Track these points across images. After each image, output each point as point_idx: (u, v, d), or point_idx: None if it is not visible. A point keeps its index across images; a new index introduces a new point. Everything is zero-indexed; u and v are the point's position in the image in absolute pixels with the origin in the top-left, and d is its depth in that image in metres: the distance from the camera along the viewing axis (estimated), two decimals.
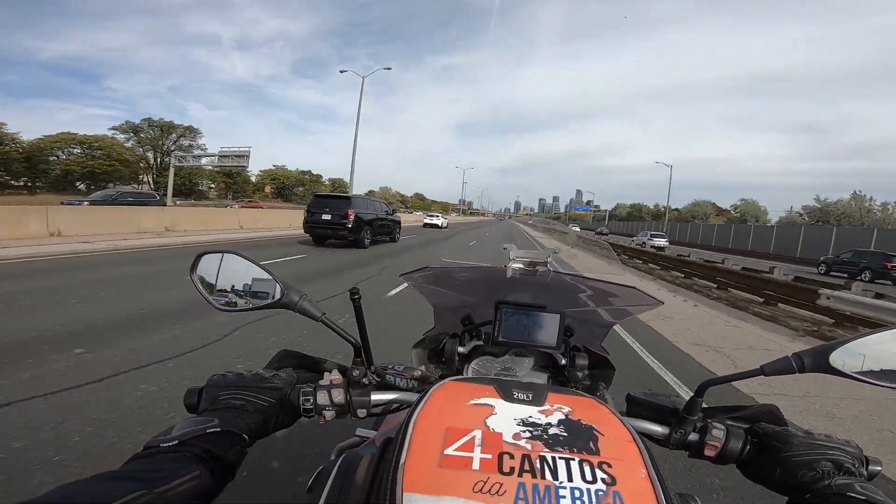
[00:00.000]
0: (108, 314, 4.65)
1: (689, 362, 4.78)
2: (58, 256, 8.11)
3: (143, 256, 9.08)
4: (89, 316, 4.52)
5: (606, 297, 1.02)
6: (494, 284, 1.03)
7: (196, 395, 0.62)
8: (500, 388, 0.53)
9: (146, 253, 9.64)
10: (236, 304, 0.70)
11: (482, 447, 0.43)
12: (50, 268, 7.08)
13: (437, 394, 0.51)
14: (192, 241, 11.96)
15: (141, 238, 11.67)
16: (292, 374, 0.68)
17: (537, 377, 0.95)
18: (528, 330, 0.93)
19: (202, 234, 13.81)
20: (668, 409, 0.69)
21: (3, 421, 2.45)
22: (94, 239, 10.49)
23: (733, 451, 0.63)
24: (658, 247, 26.07)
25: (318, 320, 0.67)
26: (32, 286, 5.70)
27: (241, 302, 0.69)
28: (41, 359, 3.31)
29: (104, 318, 4.47)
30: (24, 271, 6.69)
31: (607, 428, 0.47)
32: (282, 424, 0.65)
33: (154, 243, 11.08)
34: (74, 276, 6.52)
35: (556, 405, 0.51)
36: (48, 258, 7.89)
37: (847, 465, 0.56)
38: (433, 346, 1.08)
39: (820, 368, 0.59)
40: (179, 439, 0.50)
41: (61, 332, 3.94)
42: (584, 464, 0.42)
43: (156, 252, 9.89)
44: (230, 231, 16.39)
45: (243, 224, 18.16)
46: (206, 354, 3.70)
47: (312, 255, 11.12)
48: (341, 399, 0.67)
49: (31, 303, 4.92)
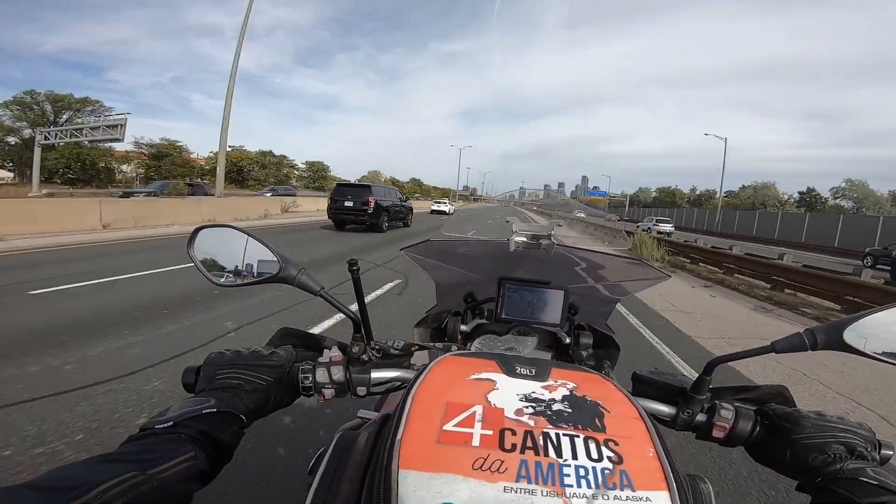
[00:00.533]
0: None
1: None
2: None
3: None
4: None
5: (611, 271, 1.00)
6: (497, 259, 1.01)
7: (194, 373, 0.61)
8: (502, 362, 0.51)
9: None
10: (234, 280, 0.69)
11: (483, 423, 0.41)
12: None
13: (438, 368, 0.49)
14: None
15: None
16: (291, 351, 0.67)
17: (541, 356, 0.94)
18: (532, 307, 0.91)
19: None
20: (675, 388, 0.67)
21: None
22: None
23: (742, 433, 0.61)
24: (664, 232, 25.84)
25: (316, 294, 0.66)
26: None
27: (239, 277, 0.68)
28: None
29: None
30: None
31: (613, 405, 0.46)
32: (280, 403, 0.64)
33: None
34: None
35: (560, 381, 0.49)
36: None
37: (860, 449, 0.54)
38: (436, 325, 1.07)
39: (833, 346, 0.57)
40: (174, 420, 0.49)
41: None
42: (590, 441, 0.40)
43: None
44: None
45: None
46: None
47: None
48: (341, 377, 0.65)
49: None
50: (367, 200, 14.27)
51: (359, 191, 14.99)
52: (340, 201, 14.49)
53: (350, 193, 14.69)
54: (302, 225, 15.97)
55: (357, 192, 14.77)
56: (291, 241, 10.91)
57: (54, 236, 9.10)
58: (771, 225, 38.11)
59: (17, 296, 4.71)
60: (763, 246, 24.08)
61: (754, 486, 2.18)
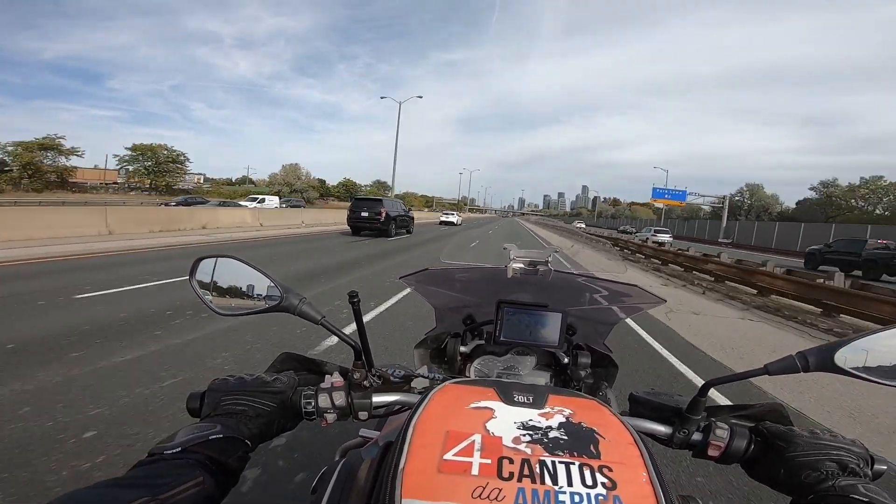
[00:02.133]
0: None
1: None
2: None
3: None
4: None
5: (608, 295, 1.01)
6: (495, 284, 1.02)
7: (198, 399, 0.62)
8: (500, 390, 0.52)
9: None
10: (236, 309, 0.69)
11: (482, 452, 0.42)
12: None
13: (438, 396, 0.51)
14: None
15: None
16: (293, 377, 0.68)
17: (540, 376, 0.95)
18: (530, 329, 0.92)
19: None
20: (671, 408, 0.69)
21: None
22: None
23: (737, 451, 0.63)
24: (660, 242, 25.49)
25: (318, 323, 0.67)
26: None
27: (241, 306, 0.69)
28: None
29: None
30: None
31: (608, 430, 0.47)
32: (284, 428, 0.65)
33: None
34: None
35: (556, 407, 0.50)
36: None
37: (852, 466, 0.56)
38: (435, 346, 1.08)
39: (824, 367, 0.59)
40: (182, 446, 0.50)
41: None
42: (585, 468, 0.41)
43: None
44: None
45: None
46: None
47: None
48: (342, 402, 0.66)
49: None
50: (380, 211, 17.52)
51: (373, 203, 18.22)
52: (358, 212, 17.67)
53: (365, 206, 17.97)
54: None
55: (371, 205, 18.01)
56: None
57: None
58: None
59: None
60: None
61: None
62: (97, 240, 10.61)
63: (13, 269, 6.87)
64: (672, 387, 3.79)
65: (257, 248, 12.04)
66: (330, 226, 22.36)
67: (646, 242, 22.47)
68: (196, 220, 15.71)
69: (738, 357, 4.87)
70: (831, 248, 19.46)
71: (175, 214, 15.60)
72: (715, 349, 5.10)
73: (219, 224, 16.63)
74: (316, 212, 28.23)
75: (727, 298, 8.86)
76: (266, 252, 11.09)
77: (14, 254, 7.85)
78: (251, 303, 0.69)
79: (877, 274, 16.37)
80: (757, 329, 6.45)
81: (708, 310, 7.61)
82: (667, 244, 22.49)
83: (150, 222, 13.66)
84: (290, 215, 22.77)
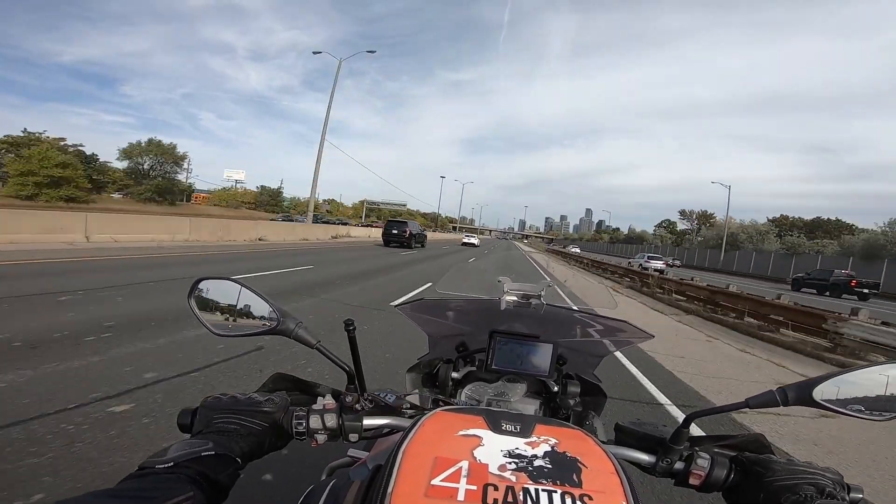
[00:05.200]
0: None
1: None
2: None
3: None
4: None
5: (599, 329, 1.03)
6: (489, 315, 1.04)
7: (190, 415, 0.63)
8: (488, 418, 0.54)
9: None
10: (232, 330, 0.71)
11: (468, 478, 0.44)
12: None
13: (428, 423, 0.52)
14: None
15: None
16: (286, 397, 0.69)
17: (530, 403, 0.96)
18: (522, 358, 0.94)
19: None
20: (655, 438, 0.70)
21: None
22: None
23: (717, 479, 0.64)
24: (658, 270, 23.39)
25: (313, 347, 0.68)
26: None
27: (238, 328, 0.71)
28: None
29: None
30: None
31: (592, 460, 0.48)
32: (274, 446, 0.66)
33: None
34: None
35: (542, 437, 0.51)
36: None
37: (829, 490, 0.57)
38: (427, 371, 1.09)
39: (803, 402, 0.61)
40: (174, 461, 0.51)
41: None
42: (566, 496, 0.42)
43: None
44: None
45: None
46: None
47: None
48: (333, 423, 0.67)
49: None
50: (405, 230, 24.82)
51: (401, 224, 26.08)
52: (390, 229, 25.33)
53: (395, 226, 25.75)
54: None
55: (399, 225, 25.77)
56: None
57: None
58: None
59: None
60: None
61: None
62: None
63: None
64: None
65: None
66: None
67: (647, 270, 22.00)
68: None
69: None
70: (810, 275, 27.85)
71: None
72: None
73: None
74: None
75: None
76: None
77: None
78: (248, 325, 0.70)
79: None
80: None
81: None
82: (665, 272, 21.93)
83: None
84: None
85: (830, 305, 11.80)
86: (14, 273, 6.54)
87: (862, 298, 22.59)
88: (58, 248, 9.37)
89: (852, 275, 25.28)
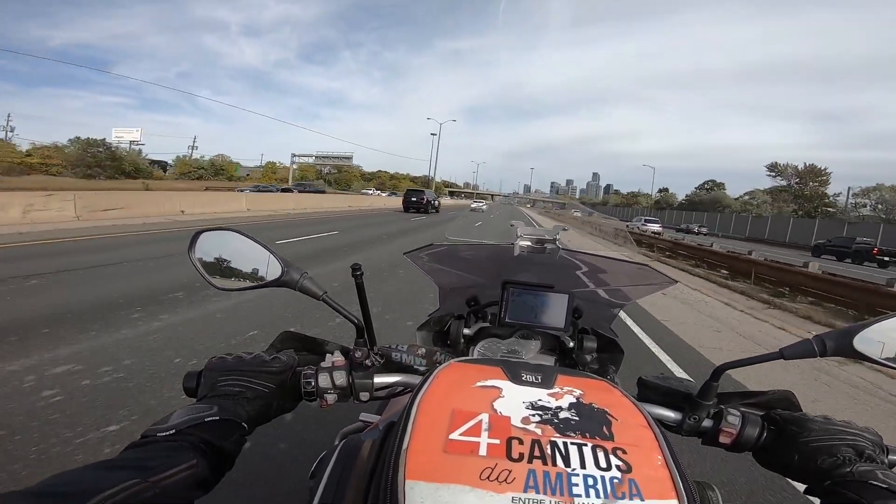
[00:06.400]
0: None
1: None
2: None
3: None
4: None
5: (617, 276, 0.99)
6: (501, 263, 1.00)
7: (195, 378, 0.61)
8: (507, 369, 0.50)
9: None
10: (235, 283, 0.67)
11: (489, 432, 0.41)
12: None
13: (442, 375, 0.49)
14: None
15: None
16: (293, 356, 0.66)
17: (544, 360, 0.93)
18: (536, 311, 0.91)
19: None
20: (681, 393, 0.66)
21: None
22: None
23: (749, 438, 0.61)
24: (655, 232, 26.80)
25: (319, 299, 0.65)
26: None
27: (241, 281, 0.67)
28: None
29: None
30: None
31: (621, 412, 0.45)
32: (283, 409, 0.63)
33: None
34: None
35: (566, 388, 0.48)
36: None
37: (868, 452, 0.54)
38: (438, 328, 1.07)
39: (843, 352, 0.57)
40: (176, 428, 0.49)
41: None
42: (598, 449, 0.39)
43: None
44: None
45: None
46: None
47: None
48: (343, 381, 0.64)
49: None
50: (423, 197, 29.70)
51: (419, 192, 30.91)
52: (409, 197, 30.20)
53: (414, 194, 30.55)
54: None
55: (417, 193, 30.70)
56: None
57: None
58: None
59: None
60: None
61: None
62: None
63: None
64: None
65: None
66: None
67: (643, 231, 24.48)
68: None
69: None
70: (831, 242, 28.31)
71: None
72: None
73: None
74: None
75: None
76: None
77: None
78: (252, 277, 0.67)
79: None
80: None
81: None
82: (661, 233, 24.61)
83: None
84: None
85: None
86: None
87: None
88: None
89: (872, 243, 25.88)
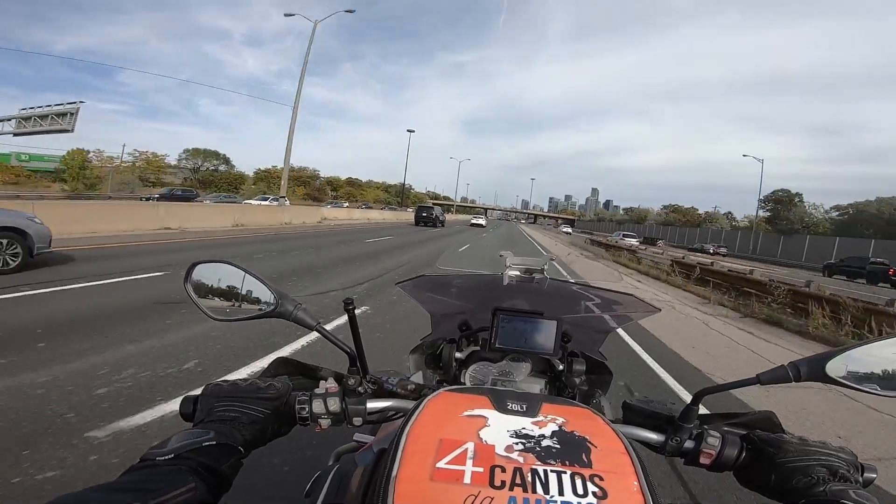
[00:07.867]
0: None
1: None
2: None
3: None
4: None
5: (604, 304, 1.01)
6: (491, 291, 1.02)
7: (192, 403, 0.62)
8: (494, 398, 0.53)
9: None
10: (231, 314, 0.69)
11: (474, 460, 0.43)
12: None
13: (432, 404, 0.51)
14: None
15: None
16: (287, 382, 0.68)
17: (535, 382, 0.95)
18: (526, 336, 0.92)
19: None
20: (664, 416, 0.69)
21: None
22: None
23: (728, 459, 0.63)
24: (634, 246, 27.00)
25: (312, 329, 0.67)
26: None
27: (236, 311, 0.69)
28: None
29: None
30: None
31: (601, 439, 0.47)
32: (277, 433, 0.65)
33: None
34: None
35: (549, 416, 0.50)
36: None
37: (842, 472, 0.56)
38: (430, 352, 1.08)
39: (816, 377, 0.59)
40: (175, 452, 0.50)
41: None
42: (576, 477, 0.42)
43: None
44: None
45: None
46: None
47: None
48: (337, 407, 0.66)
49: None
50: (432, 214, 34.53)
51: (428, 209, 35.64)
52: (420, 213, 34.92)
53: (424, 210, 35.47)
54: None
55: (427, 209, 35.58)
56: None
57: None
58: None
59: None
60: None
61: None
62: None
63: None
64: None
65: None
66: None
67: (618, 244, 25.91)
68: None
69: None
70: (844, 262, 27.73)
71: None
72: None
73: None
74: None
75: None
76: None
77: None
78: (247, 308, 0.69)
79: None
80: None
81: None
82: (636, 247, 25.17)
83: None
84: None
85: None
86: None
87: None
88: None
89: (888, 263, 25.46)
